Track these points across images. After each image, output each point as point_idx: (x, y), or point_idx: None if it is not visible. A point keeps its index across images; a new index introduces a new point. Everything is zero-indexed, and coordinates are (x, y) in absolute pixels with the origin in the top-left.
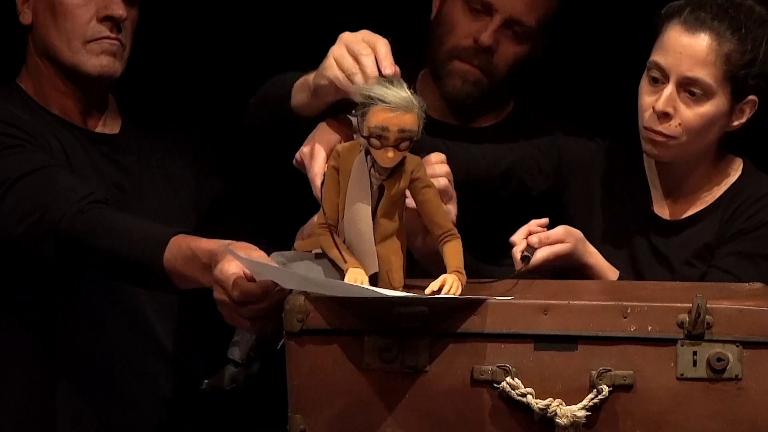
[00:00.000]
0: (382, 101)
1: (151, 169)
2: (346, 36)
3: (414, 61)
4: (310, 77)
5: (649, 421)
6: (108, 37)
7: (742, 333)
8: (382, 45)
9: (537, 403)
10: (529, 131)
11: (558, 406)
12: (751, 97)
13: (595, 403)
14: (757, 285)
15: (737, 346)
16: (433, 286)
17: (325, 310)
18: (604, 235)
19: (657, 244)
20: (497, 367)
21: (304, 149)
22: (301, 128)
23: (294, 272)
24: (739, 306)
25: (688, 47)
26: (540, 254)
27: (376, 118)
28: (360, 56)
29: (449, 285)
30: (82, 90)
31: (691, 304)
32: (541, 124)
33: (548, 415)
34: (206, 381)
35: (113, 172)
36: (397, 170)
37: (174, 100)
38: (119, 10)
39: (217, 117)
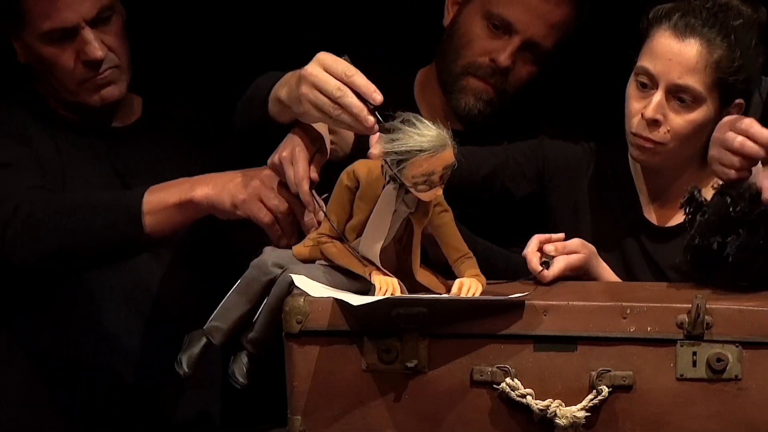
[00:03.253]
0: (422, 151)
1: (161, 162)
2: (311, 74)
3: (410, 62)
4: (282, 94)
5: (648, 421)
6: (97, 74)
7: (742, 333)
8: (358, 77)
9: (537, 404)
10: (524, 136)
11: (558, 406)
12: (738, 100)
13: (595, 404)
14: None
15: (737, 347)
16: (453, 289)
17: (325, 311)
18: (593, 240)
19: (649, 250)
20: (497, 367)
21: (284, 153)
22: (277, 132)
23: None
24: (739, 306)
25: (678, 54)
26: (557, 264)
27: (420, 167)
28: (337, 100)
29: (468, 285)
30: (90, 110)
31: (690, 305)
32: (537, 130)
33: (548, 415)
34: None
35: (114, 161)
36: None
37: (192, 97)
38: (96, 52)
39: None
